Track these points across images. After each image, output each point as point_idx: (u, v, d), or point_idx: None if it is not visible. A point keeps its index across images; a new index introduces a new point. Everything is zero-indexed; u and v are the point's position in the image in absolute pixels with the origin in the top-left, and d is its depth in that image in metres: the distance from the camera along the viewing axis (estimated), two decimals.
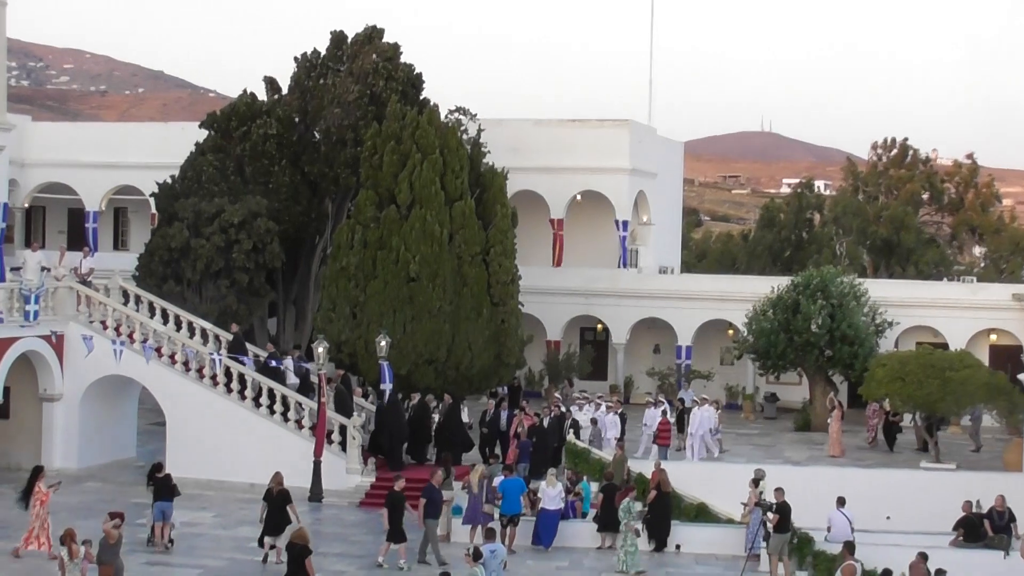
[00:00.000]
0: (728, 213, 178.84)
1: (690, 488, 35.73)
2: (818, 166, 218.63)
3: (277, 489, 30.65)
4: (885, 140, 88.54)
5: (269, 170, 48.71)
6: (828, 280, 51.08)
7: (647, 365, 57.67)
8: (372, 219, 44.00)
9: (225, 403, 39.56)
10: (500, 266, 44.60)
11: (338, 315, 43.66)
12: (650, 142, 62.09)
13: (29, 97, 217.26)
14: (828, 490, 34.60)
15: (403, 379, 42.37)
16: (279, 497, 30.52)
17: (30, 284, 39.80)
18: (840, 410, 45.96)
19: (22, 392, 40.56)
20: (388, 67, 49.44)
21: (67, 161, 60.78)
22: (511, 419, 40.05)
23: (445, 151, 44.50)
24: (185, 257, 46.20)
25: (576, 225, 59.50)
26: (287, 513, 30.30)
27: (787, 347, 50.08)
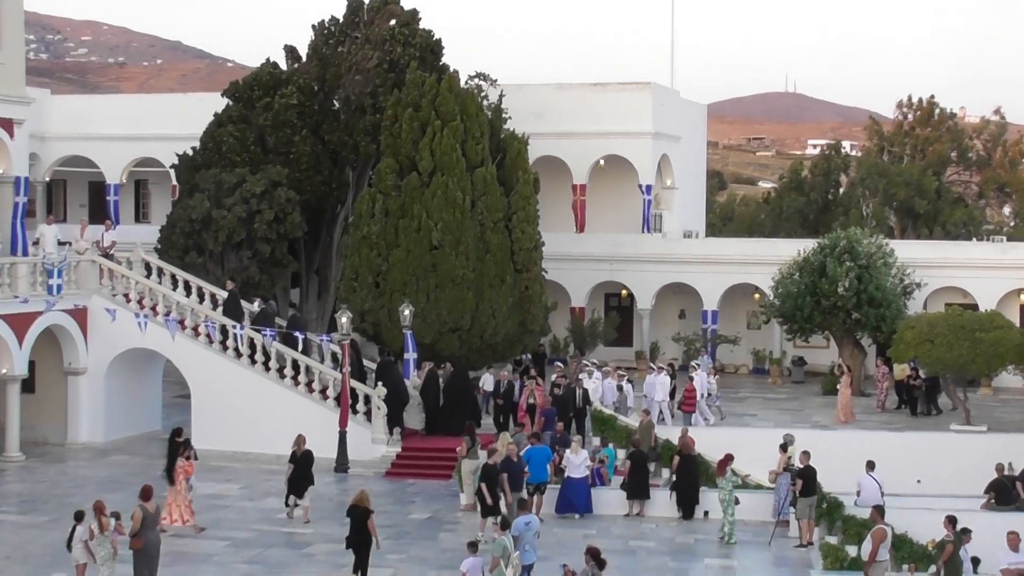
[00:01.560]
0: (753, 176, 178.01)
1: (718, 454, 35.37)
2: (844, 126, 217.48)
3: (301, 451, 31.46)
4: (910, 99, 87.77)
5: (290, 140, 48.46)
6: (855, 242, 50.62)
7: (673, 331, 57.36)
8: (393, 187, 43.74)
9: (250, 375, 39.43)
10: (523, 232, 44.31)
11: (361, 284, 43.46)
12: (673, 105, 61.59)
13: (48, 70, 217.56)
14: (857, 454, 34.36)
15: (427, 348, 42.22)
16: (303, 458, 31.38)
17: (52, 258, 39.71)
18: (849, 375, 45.38)
19: (47, 366, 40.59)
20: (405, 33, 49.07)
21: (87, 134, 60.65)
22: (522, 389, 39.72)
23: (465, 117, 44.18)
24: (207, 228, 46.03)
25: (599, 190, 59.10)
26: (310, 474, 31.28)
27: (814, 310, 49.68)
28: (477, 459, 33.42)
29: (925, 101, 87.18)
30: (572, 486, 32.61)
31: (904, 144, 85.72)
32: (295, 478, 31.26)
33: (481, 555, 23.68)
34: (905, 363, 47.13)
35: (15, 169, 41.94)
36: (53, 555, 27.07)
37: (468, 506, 33.04)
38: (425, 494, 34.63)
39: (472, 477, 33.16)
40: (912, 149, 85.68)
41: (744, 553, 29.88)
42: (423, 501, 33.85)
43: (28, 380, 39.58)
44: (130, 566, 24.68)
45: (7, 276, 38.09)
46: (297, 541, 29.79)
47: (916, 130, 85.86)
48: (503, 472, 30.15)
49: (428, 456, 37.50)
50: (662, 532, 31.62)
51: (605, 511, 32.93)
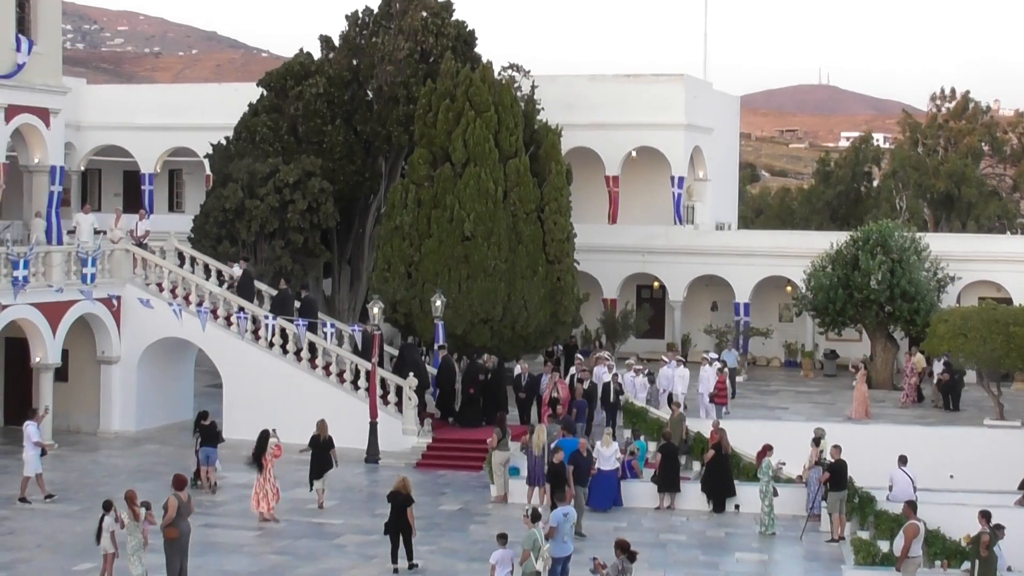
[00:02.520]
0: (786, 168, 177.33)
1: (749, 447, 35.31)
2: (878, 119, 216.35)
3: (323, 436, 32.24)
4: (943, 91, 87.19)
5: (323, 129, 48.52)
6: (888, 235, 50.37)
7: (705, 323, 57.20)
8: (426, 178, 43.74)
9: (281, 365, 39.59)
10: (555, 224, 44.25)
11: (393, 275, 43.49)
12: (706, 97, 61.38)
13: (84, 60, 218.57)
14: (890, 448, 34.13)
15: (459, 338, 42.25)
16: (324, 443, 32.18)
17: (85, 247, 39.92)
18: (865, 372, 44.91)
19: (80, 355, 40.83)
20: (438, 23, 49.04)
21: (122, 124, 60.87)
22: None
23: (499, 108, 44.13)
24: (240, 218, 46.15)
25: (631, 182, 58.99)
26: (332, 457, 32.29)
27: (847, 303, 49.47)
28: (508, 451, 33.49)
29: (959, 94, 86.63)
30: (601, 478, 32.58)
31: (938, 137, 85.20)
32: (316, 462, 32.11)
33: (511, 547, 23.71)
34: (922, 356, 47.04)
35: (51, 158, 42.22)
36: (84, 544, 27.21)
37: (498, 498, 33.11)
38: (456, 485, 34.68)
39: (502, 469, 33.24)
40: (946, 142, 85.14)
41: (776, 547, 29.83)
42: (454, 492, 33.90)
43: (61, 369, 39.85)
44: (159, 556, 24.77)
45: (42, 265, 38.29)
46: (327, 531, 29.90)
47: (950, 123, 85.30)
48: (571, 465, 30.22)
49: (459, 447, 37.56)
50: (693, 525, 31.59)
51: (636, 504, 32.94)
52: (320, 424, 32.56)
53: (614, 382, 38.65)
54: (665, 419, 37.60)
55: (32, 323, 38.04)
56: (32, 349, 38.63)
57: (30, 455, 32.04)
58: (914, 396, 46.67)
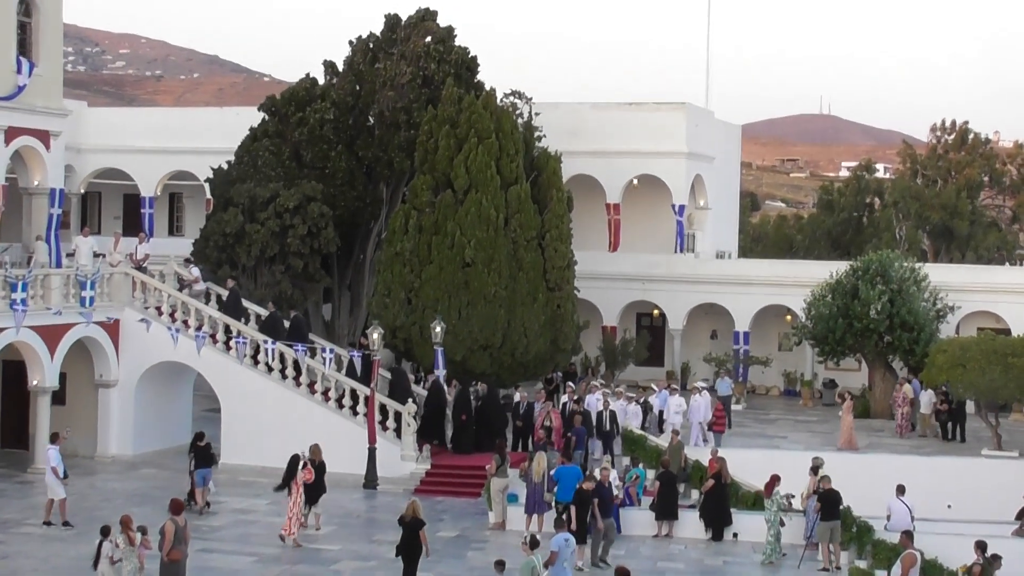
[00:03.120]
0: (786, 197, 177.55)
1: (747, 475, 35.27)
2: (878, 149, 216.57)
3: (317, 460, 32.22)
4: (944, 123, 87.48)
5: (325, 155, 48.56)
6: (887, 265, 50.43)
7: (704, 351, 57.17)
8: (427, 204, 43.78)
9: (280, 390, 39.51)
10: (556, 251, 44.28)
11: (393, 300, 43.48)
12: (707, 125, 61.49)
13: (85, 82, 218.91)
14: (888, 478, 34.09)
15: (458, 365, 42.20)
16: (317, 468, 32.06)
17: (85, 270, 39.90)
18: (851, 402, 44.57)
19: (78, 378, 40.72)
20: (440, 49, 49.12)
21: (123, 147, 60.90)
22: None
23: (500, 135, 44.21)
24: (240, 242, 46.15)
25: (632, 209, 59.04)
26: (323, 482, 32.13)
27: (846, 333, 49.47)
28: (506, 477, 33.43)
29: (959, 125, 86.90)
30: None
31: (938, 168, 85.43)
32: (309, 486, 31.82)
33: (509, 574, 23.60)
34: (909, 386, 47.04)
35: (51, 181, 42.23)
36: (80, 569, 27.07)
37: (496, 524, 33.03)
38: (454, 512, 34.58)
39: (501, 496, 33.16)
40: (945, 173, 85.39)
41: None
42: (452, 519, 33.80)
43: (59, 392, 39.73)
44: None
45: (40, 288, 38.24)
46: (324, 557, 29.79)
47: (949, 154, 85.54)
48: (595, 497, 30.15)
49: (457, 474, 37.47)
50: (690, 553, 31.50)
51: (634, 531, 32.83)
52: (313, 448, 32.53)
53: (607, 411, 38.46)
54: (663, 446, 37.54)
55: (30, 346, 37.97)
56: (30, 372, 38.53)
57: (51, 480, 32.00)
58: (907, 426, 46.52)
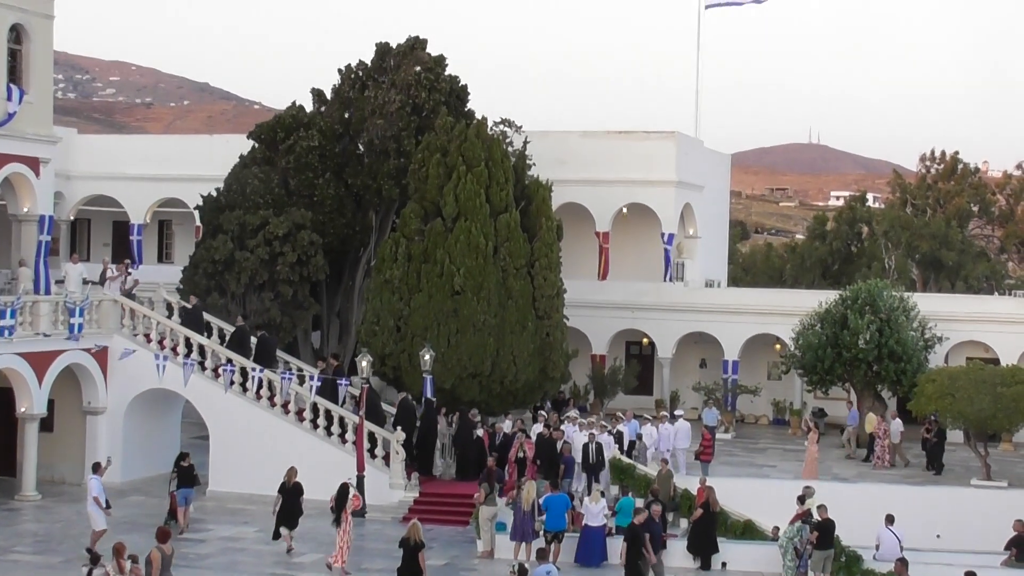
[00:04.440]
0: (776, 226, 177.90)
1: (736, 504, 35.25)
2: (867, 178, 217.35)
3: (292, 482, 32.56)
4: (933, 152, 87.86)
5: (314, 182, 48.60)
6: (876, 294, 50.51)
7: (693, 380, 57.16)
8: (417, 231, 43.82)
9: (268, 417, 39.46)
10: (545, 279, 44.31)
11: (382, 328, 43.47)
12: (697, 154, 61.64)
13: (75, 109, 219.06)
14: (877, 507, 34.12)
15: (447, 393, 42.16)
16: (293, 490, 32.46)
17: (74, 297, 39.86)
18: (816, 432, 44.20)
19: (66, 405, 40.63)
20: (431, 78, 49.23)
21: (112, 174, 60.91)
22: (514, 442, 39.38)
23: (490, 163, 44.29)
24: (229, 270, 46.12)
25: (622, 238, 59.09)
26: (299, 505, 32.51)
27: (835, 362, 49.53)
28: (495, 505, 33.37)
29: (948, 155, 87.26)
30: (588, 535, 32.44)
31: (927, 197, 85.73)
32: (285, 509, 32.29)
33: None
34: (873, 416, 47.09)
35: (40, 207, 42.16)
36: None
37: (485, 553, 32.95)
38: (442, 540, 34.48)
39: (489, 524, 33.09)
40: (934, 202, 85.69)
41: None
42: (440, 547, 33.69)
43: (47, 419, 39.65)
44: None
45: (29, 314, 38.21)
46: (293, 561, 29.71)
47: (939, 184, 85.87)
48: (647, 532, 30.11)
49: (446, 502, 37.40)
50: None
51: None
52: (289, 471, 32.88)
53: (593, 443, 38.34)
54: (652, 475, 37.48)
55: (18, 373, 37.90)
56: (18, 399, 38.45)
57: (92, 510, 31.95)
58: (890, 459, 46.33)
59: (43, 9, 41.86)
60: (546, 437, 38.51)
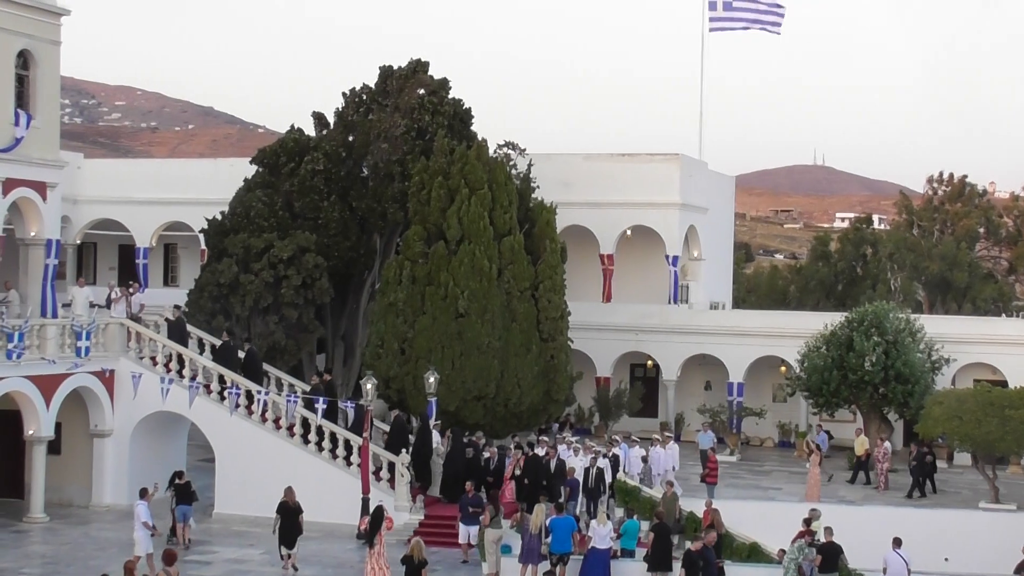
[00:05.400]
0: (780, 248, 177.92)
1: (742, 527, 35.20)
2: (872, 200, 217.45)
3: (292, 502, 32.81)
4: (940, 174, 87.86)
5: (318, 205, 48.73)
6: (883, 316, 50.45)
7: (698, 402, 57.14)
8: (420, 254, 43.89)
9: (273, 440, 39.45)
10: (549, 302, 44.34)
11: (386, 351, 43.52)
12: (701, 176, 61.74)
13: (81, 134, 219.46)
14: (884, 530, 33.97)
15: (452, 415, 42.17)
16: (293, 509, 32.69)
17: (81, 320, 39.96)
18: (819, 455, 44.18)
19: (73, 428, 40.71)
20: (434, 101, 49.39)
21: (118, 198, 61.17)
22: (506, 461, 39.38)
23: (494, 186, 44.39)
24: (234, 293, 46.22)
25: (626, 260, 59.16)
26: (299, 524, 32.75)
27: (841, 384, 49.48)
28: (500, 528, 33.33)
29: (955, 177, 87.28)
30: (593, 557, 32.35)
31: (933, 219, 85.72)
32: (285, 529, 32.48)
33: None
34: (864, 438, 46.99)
35: (47, 231, 42.30)
36: None
37: (490, 575, 32.87)
38: (448, 563, 34.41)
39: (495, 547, 33.03)
40: (942, 224, 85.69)
41: None
42: (445, 570, 33.64)
43: (54, 441, 39.70)
44: None
45: (36, 338, 38.30)
46: None
47: (946, 205, 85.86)
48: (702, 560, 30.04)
49: (451, 524, 37.28)
50: None
51: None
52: (288, 491, 33.09)
53: (594, 468, 38.26)
54: (658, 498, 37.43)
55: (26, 395, 37.99)
56: (25, 422, 38.53)
57: (140, 535, 32.01)
58: (887, 481, 46.04)
59: (50, 35, 42.09)
60: (532, 456, 38.57)
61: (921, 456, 44.88)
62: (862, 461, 47.20)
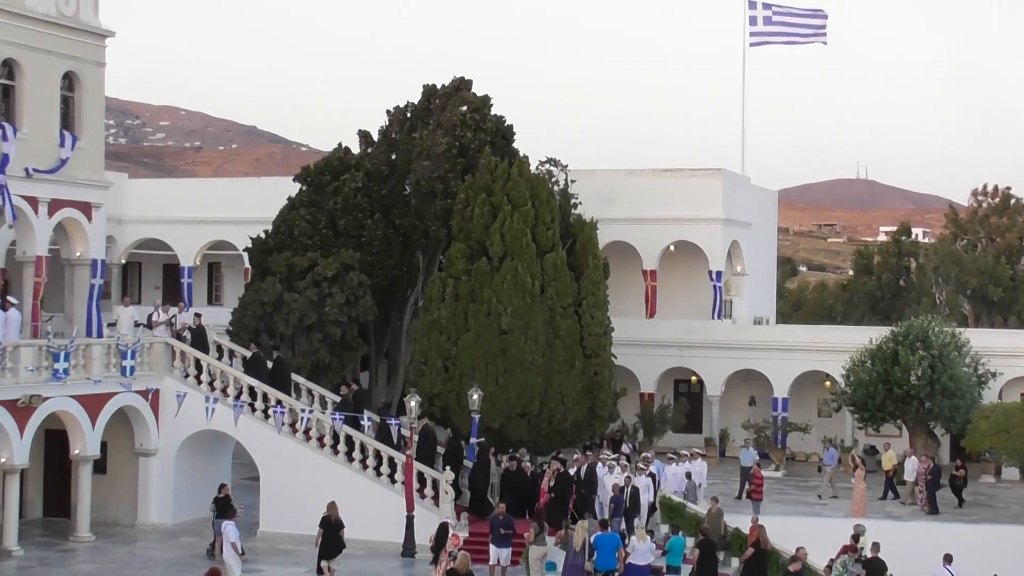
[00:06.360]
0: (824, 262, 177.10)
1: (788, 543, 34.93)
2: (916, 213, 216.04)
3: (334, 517, 32.72)
4: (985, 187, 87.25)
5: (361, 223, 48.82)
6: (928, 330, 50.09)
7: (743, 417, 56.90)
8: (463, 271, 43.92)
9: (318, 458, 39.52)
10: (592, 318, 44.28)
11: (430, 368, 43.55)
12: (743, 191, 61.57)
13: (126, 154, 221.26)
14: (933, 546, 33.75)
15: (495, 432, 42.14)
16: (335, 524, 32.60)
17: (126, 339, 40.18)
18: (864, 469, 43.87)
19: (119, 447, 40.92)
20: (476, 118, 49.44)
21: (162, 217, 61.52)
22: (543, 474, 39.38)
23: (536, 202, 44.40)
24: (278, 311, 46.35)
25: (669, 276, 59.04)
26: (341, 538, 32.65)
27: (886, 399, 49.13)
28: (545, 545, 33.25)
29: (1000, 189, 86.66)
30: (632, 573, 32.23)
31: (978, 232, 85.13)
32: (326, 542, 32.50)
33: None
34: (892, 454, 46.53)
35: (92, 252, 42.58)
36: None
37: None
38: None
39: (539, 564, 32.96)
40: (987, 237, 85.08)
41: None
42: None
43: (100, 461, 39.95)
44: None
45: (82, 357, 38.54)
46: None
47: (991, 218, 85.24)
48: None
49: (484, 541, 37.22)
50: None
51: None
52: (330, 506, 33.05)
53: (628, 487, 38.13)
54: (702, 514, 37.28)
55: (72, 415, 38.26)
56: (71, 441, 38.79)
57: (229, 555, 32.20)
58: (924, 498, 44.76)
59: (95, 57, 42.45)
60: (562, 472, 38.60)
61: (936, 471, 44.47)
62: (890, 477, 46.77)
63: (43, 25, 40.46)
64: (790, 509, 43.43)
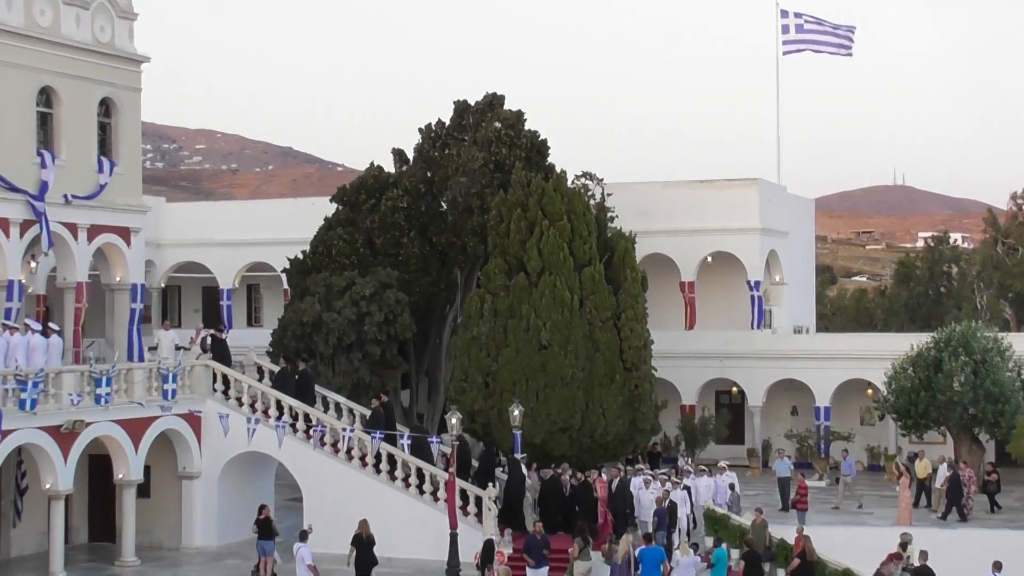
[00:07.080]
0: (863, 269, 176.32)
1: (833, 553, 34.79)
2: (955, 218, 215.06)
3: (366, 534, 33.35)
4: None
5: (398, 242, 48.92)
6: (970, 336, 49.66)
7: (785, 427, 56.61)
8: (501, 287, 43.93)
9: (360, 477, 39.59)
10: (632, 331, 44.19)
11: (470, 385, 43.54)
12: (780, 200, 61.35)
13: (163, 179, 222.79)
14: (982, 553, 33.41)
15: (537, 448, 42.08)
16: (367, 542, 33.17)
17: (167, 363, 40.38)
18: (908, 476, 43.38)
19: (162, 470, 41.11)
20: (511, 134, 49.48)
21: (201, 240, 61.74)
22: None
23: (572, 217, 44.37)
24: (317, 331, 46.46)
25: (708, 287, 58.84)
26: (373, 556, 33.43)
27: (929, 406, 48.73)
28: (590, 560, 33.20)
29: None
30: None
31: (1020, 235, 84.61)
32: (360, 561, 33.04)
33: None
34: (928, 462, 46.07)
35: (132, 276, 42.87)
36: None
37: None
38: None
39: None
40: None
41: None
42: None
43: (143, 484, 40.11)
44: None
45: (124, 382, 38.74)
46: None
47: None
48: None
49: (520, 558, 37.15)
50: None
51: None
52: (362, 523, 33.43)
53: (667, 500, 37.95)
54: (747, 526, 37.11)
55: (115, 440, 38.45)
56: (115, 466, 38.99)
57: None
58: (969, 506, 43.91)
59: (131, 83, 42.81)
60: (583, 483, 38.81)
61: (956, 479, 44.01)
62: (924, 485, 46.32)
63: (79, 52, 40.85)
64: (835, 518, 43.14)
